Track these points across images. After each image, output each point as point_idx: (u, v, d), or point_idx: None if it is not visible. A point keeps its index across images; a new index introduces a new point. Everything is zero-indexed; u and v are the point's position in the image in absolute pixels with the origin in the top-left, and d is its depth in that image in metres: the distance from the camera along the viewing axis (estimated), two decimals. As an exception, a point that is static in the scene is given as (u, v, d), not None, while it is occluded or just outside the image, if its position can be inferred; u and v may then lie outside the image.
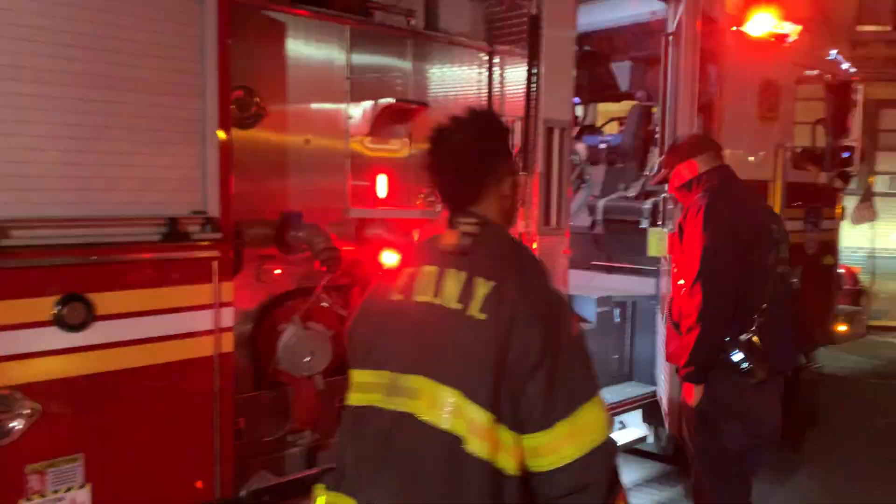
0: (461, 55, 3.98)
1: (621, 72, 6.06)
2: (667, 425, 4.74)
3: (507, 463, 1.67)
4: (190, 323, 2.71)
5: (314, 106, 3.42)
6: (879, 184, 15.97)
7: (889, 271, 16.33)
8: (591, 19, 5.49)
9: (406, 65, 3.73)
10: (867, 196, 9.84)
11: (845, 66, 6.38)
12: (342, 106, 3.49)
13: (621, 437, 4.90)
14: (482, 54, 4.06)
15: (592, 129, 6.89)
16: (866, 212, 9.07)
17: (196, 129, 2.72)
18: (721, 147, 3.76)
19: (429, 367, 1.73)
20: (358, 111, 3.50)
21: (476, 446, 1.65)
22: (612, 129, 6.92)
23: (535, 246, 3.90)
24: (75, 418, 2.48)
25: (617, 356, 5.13)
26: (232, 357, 2.84)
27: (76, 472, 2.48)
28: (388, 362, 1.80)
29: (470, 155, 1.88)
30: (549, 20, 3.84)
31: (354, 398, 1.86)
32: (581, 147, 6.19)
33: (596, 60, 6.11)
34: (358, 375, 1.87)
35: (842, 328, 6.34)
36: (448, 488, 1.67)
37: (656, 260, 4.93)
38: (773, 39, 5.39)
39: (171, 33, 2.62)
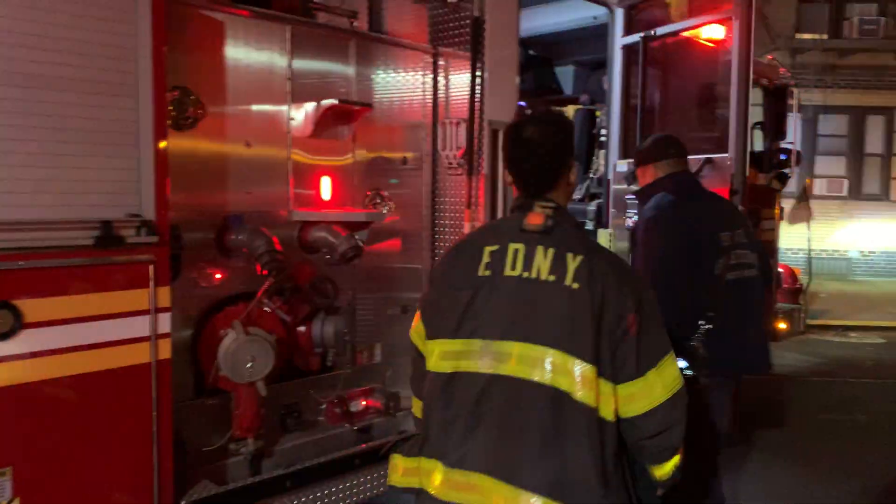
0: (405, 57, 3.97)
1: (565, 76, 6.14)
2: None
3: (607, 410, 1.92)
4: (125, 329, 2.63)
5: (255, 107, 3.37)
6: (817, 187, 16.54)
7: (826, 271, 16.91)
8: (535, 24, 5.56)
9: (349, 66, 3.70)
10: (804, 197, 10.14)
11: (783, 71, 6.58)
12: (283, 107, 3.44)
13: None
14: (426, 56, 4.06)
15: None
16: (803, 213, 9.34)
17: (130, 131, 2.64)
18: (685, 150, 3.56)
19: (526, 332, 1.94)
20: (300, 113, 3.45)
21: (583, 396, 1.88)
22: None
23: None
24: (3, 430, 2.38)
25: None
26: (170, 364, 2.76)
27: (4, 487, 2.38)
28: (479, 331, 1.98)
29: (549, 148, 2.12)
30: (493, 23, 3.86)
31: (442, 366, 2.02)
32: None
33: (540, 64, 6.17)
34: (446, 345, 2.03)
35: (782, 326, 6.51)
36: (552, 438, 1.88)
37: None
38: (712, 45, 5.51)
39: (102, 31, 2.54)
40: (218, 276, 3.23)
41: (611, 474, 1.93)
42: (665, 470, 2.07)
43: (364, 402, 3.65)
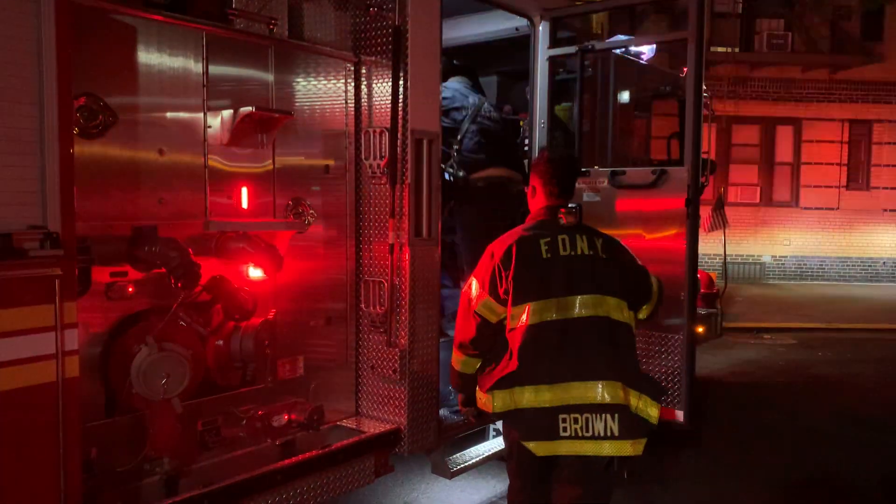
0: (326, 64, 3.92)
1: (488, 86, 6.18)
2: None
3: (631, 325, 3.27)
4: (28, 347, 2.48)
5: (169, 115, 3.26)
6: (731, 194, 17.19)
7: (741, 276, 17.59)
8: (458, 34, 5.58)
9: (268, 73, 3.63)
10: (720, 205, 10.50)
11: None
12: (199, 115, 3.34)
13: (497, 443, 4.95)
14: (348, 64, 4.02)
15: (463, 142, 6.97)
16: (719, 220, 9.66)
17: (33, 139, 2.51)
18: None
19: (585, 287, 3.17)
20: (216, 120, 3.36)
21: (624, 319, 3.22)
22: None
23: (407, 257, 3.89)
24: None
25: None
26: (78, 383, 2.63)
27: None
28: (554, 293, 3.15)
29: (575, 166, 3.60)
30: (414, 32, 3.86)
31: (531, 320, 3.13)
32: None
33: (464, 74, 6.19)
34: (532, 307, 3.14)
35: (699, 330, 6.70)
36: (612, 347, 3.15)
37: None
38: (631, 58, 5.67)
39: (2, 34, 2.41)
40: (130, 289, 3.10)
41: (639, 364, 3.30)
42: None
43: (286, 417, 3.57)
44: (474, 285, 3.31)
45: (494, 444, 4.92)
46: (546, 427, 3.09)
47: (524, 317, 3.13)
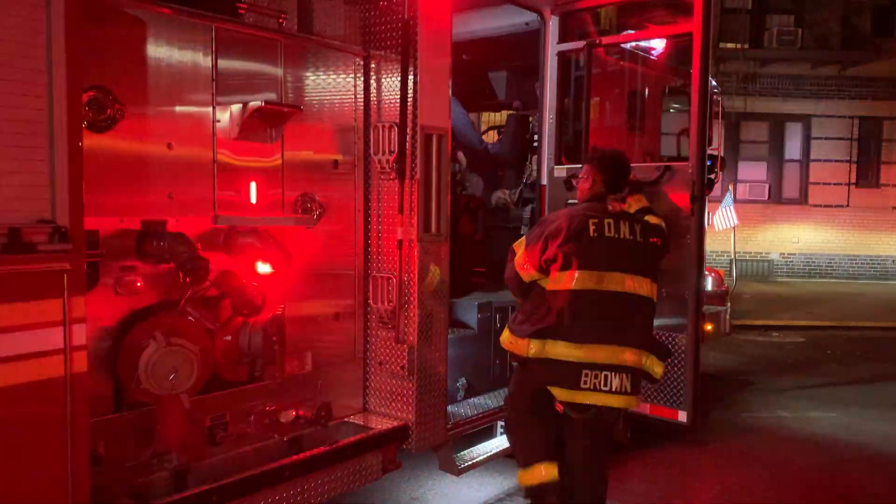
0: (335, 59, 3.90)
1: (498, 81, 6.16)
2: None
3: (654, 298, 3.82)
4: (36, 342, 2.47)
5: (178, 109, 3.24)
6: (740, 191, 17.11)
7: (751, 273, 17.52)
8: (468, 29, 5.56)
9: (277, 68, 3.61)
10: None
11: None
12: (208, 109, 3.32)
13: (504, 441, 4.93)
14: (357, 59, 4.00)
15: (473, 138, 6.96)
16: (728, 217, 9.62)
17: (42, 132, 2.49)
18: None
19: (622, 266, 3.72)
20: (225, 115, 3.34)
21: (649, 293, 3.78)
22: (492, 137, 7.01)
23: (416, 253, 3.87)
24: None
25: (498, 361, 5.17)
26: (86, 377, 2.62)
27: None
28: (595, 267, 3.68)
29: (625, 166, 4.12)
30: (424, 26, 3.83)
31: (574, 286, 3.67)
32: (461, 155, 6.23)
33: (474, 70, 6.17)
34: (575, 275, 3.67)
35: (708, 328, 6.66)
36: (634, 319, 3.75)
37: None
38: (641, 53, 5.63)
39: (11, 27, 2.39)
40: (138, 284, 3.09)
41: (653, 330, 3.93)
42: None
43: (294, 413, 3.56)
44: (522, 246, 3.90)
45: (502, 441, 4.90)
46: (571, 378, 3.67)
47: (568, 282, 3.69)
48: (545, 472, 3.87)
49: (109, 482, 2.93)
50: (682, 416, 4.66)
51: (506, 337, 3.90)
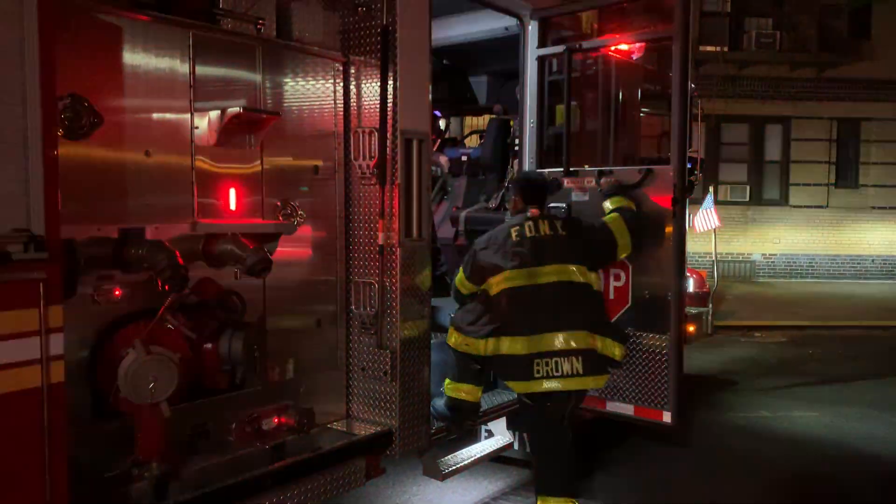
0: (315, 64, 3.89)
1: (479, 86, 6.17)
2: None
3: (595, 286, 4.17)
4: (13, 352, 2.44)
5: (156, 115, 3.22)
6: (721, 193, 17.23)
7: (733, 274, 17.64)
8: (448, 33, 5.57)
9: (256, 74, 3.60)
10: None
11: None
12: (186, 116, 3.30)
13: (488, 445, 4.95)
14: (337, 64, 3.99)
15: (454, 142, 6.97)
16: (709, 219, 9.68)
17: (16, 140, 2.46)
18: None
19: (549, 259, 4.06)
20: (204, 121, 3.33)
21: (583, 280, 4.09)
22: (474, 141, 7.03)
23: (397, 258, 3.87)
24: None
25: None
26: (63, 387, 2.59)
27: None
28: (524, 265, 4.05)
29: (538, 183, 4.50)
30: (403, 31, 3.84)
31: (507, 285, 4.05)
32: (443, 159, 6.25)
33: (454, 74, 6.18)
34: (507, 275, 4.05)
35: (691, 329, 6.71)
36: (573, 304, 4.01)
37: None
38: (619, 57, 5.65)
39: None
40: (117, 292, 3.07)
41: (605, 315, 4.28)
42: None
43: (276, 420, 3.54)
44: (461, 267, 4.37)
45: (486, 446, 4.91)
46: (523, 370, 3.94)
47: (503, 283, 4.05)
48: None
49: (89, 493, 2.89)
50: (667, 417, 4.68)
51: (458, 339, 4.12)
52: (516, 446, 5.12)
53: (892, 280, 17.93)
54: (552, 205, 4.81)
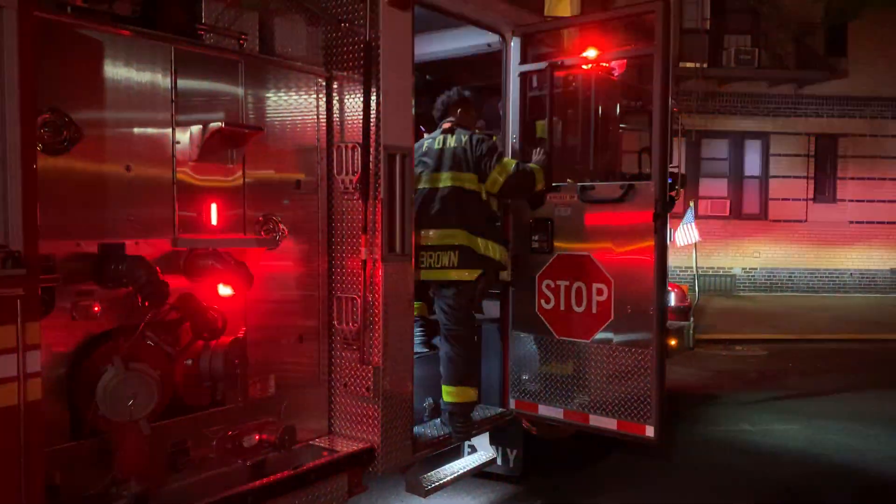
0: (297, 79, 3.89)
1: (462, 101, 6.16)
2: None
3: (482, 193, 4.75)
4: (-11, 370, 2.42)
5: (137, 130, 3.20)
6: (702, 207, 17.39)
7: (713, 288, 17.78)
8: (431, 49, 5.59)
9: (238, 88, 3.59)
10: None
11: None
12: (167, 130, 3.29)
13: (472, 460, 4.93)
14: (320, 79, 4.00)
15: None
16: (690, 233, 9.75)
17: (-6, 155, 2.45)
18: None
19: (444, 167, 4.70)
20: (185, 136, 3.31)
21: (473, 188, 4.71)
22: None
23: (380, 273, 3.86)
24: None
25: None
26: (41, 405, 2.56)
27: None
28: (430, 170, 4.75)
29: (445, 99, 5.14)
30: (386, 47, 3.85)
31: (420, 186, 4.69)
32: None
33: (438, 90, 6.18)
34: (422, 178, 4.73)
35: (672, 343, 6.73)
36: (459, 207, 4.66)
37: (503, 283, 5.06)
38: (601, 73, 5.70)
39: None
40: (96, 308, 3.03)
41: (485, 220, 4.78)
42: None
43: (257, 437, 3.51)
44: None
45: (469, 462, 4.89)
46: (419, 260, 4.54)
47: (418, 184, 4.66)
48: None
49: (66, 513, 2.85)
50: (650, 432, 4.68)
51: None
52: (499, 462, 5.11)
53: (870, 293, 18.15)
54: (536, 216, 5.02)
